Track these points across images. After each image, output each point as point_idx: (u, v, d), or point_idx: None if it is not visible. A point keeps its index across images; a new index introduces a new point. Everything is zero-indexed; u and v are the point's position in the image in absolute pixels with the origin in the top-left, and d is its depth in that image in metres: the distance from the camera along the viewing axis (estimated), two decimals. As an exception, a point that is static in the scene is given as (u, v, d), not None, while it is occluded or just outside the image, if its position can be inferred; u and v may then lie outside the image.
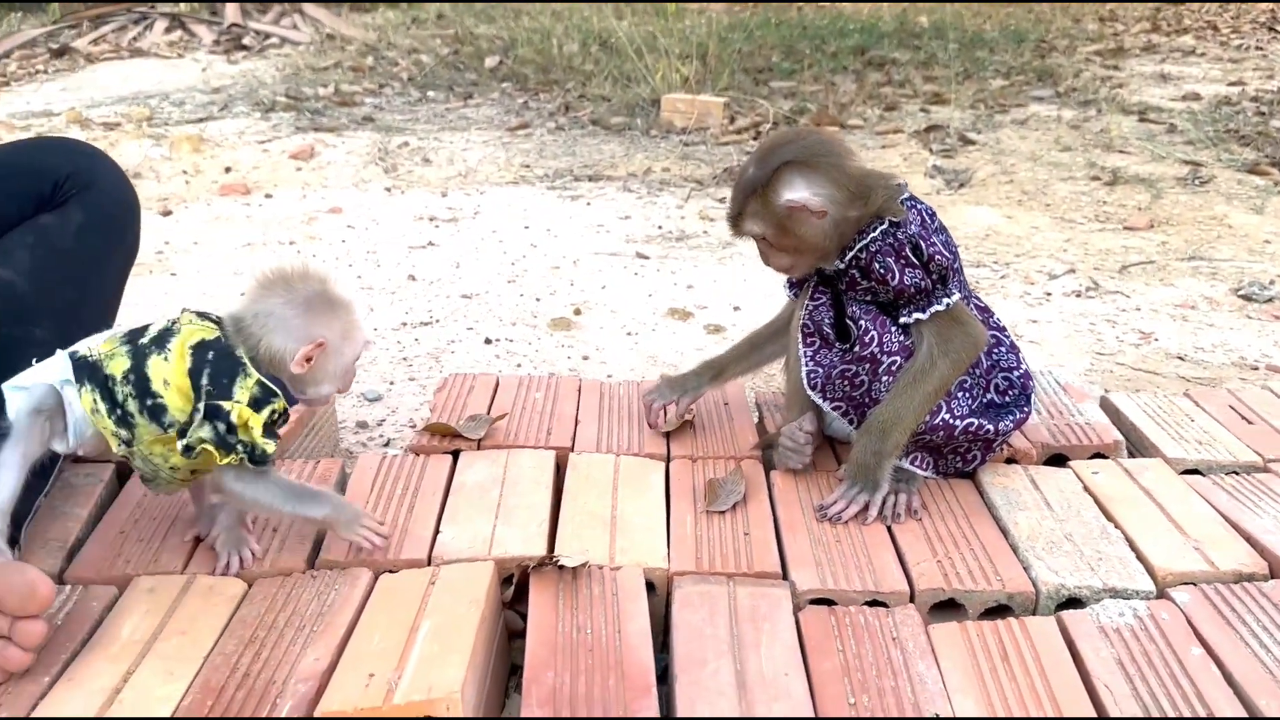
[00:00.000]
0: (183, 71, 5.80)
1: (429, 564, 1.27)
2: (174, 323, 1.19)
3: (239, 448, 1.14)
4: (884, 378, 1.39)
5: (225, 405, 1.13)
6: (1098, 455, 1.56)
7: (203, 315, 1.21)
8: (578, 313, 2.54)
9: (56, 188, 1.44)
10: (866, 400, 1.42)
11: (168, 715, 1.02)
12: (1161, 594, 1.23)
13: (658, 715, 1.02)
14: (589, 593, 1.20)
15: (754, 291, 2.66)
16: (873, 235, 1.36)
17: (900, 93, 5.16)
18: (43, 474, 1.31)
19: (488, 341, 2.37)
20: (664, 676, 1.14)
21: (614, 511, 1.38)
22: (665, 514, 1.38)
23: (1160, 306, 2.53)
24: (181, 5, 7.03)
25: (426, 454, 1.53)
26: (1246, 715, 1.03)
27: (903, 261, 1.36)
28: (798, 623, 1.16)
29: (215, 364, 1.14)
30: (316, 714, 1.00)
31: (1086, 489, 1.44)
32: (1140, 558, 1.29)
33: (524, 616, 1.24)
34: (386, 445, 1.87)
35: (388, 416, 1.99)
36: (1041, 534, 1.33)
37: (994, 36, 6.49)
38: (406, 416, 1.99)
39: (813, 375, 1.44)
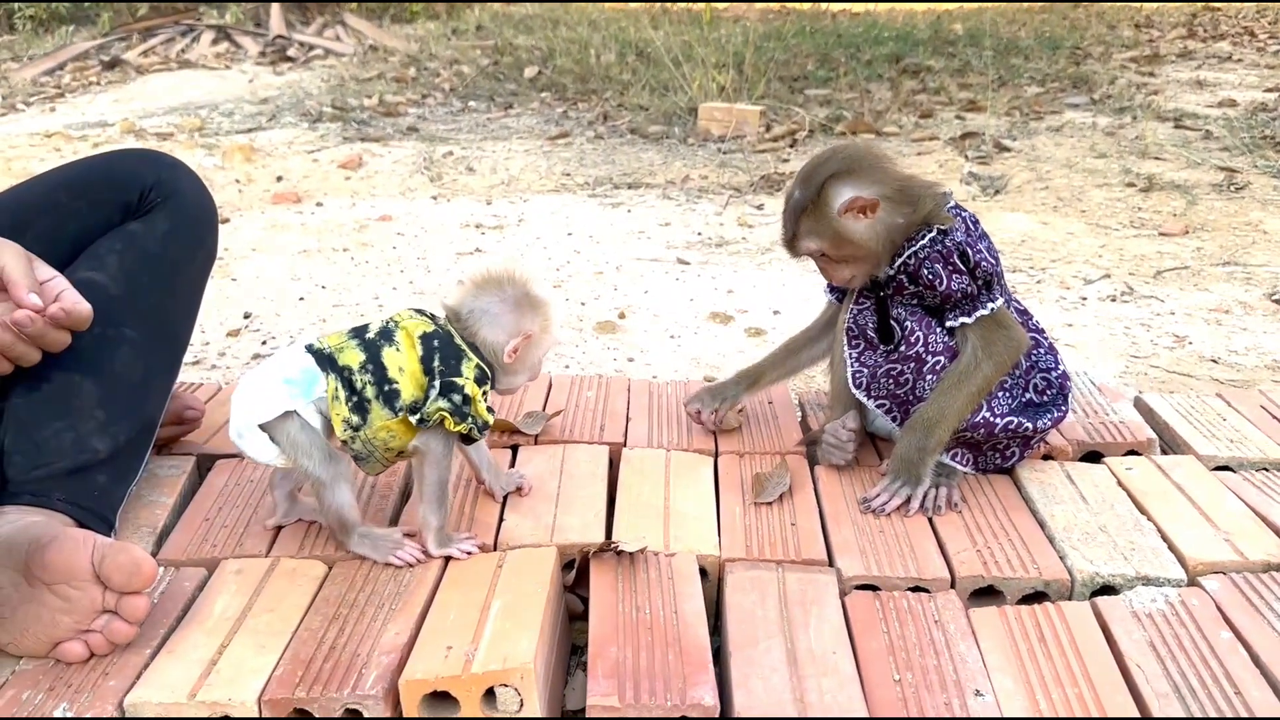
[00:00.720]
0: (230, 82, 5.96)
1: (495, 549, 1.35)
2: (392, 320, 1.34)
3: (470, 419, 1.29)
4: (928, 376, 1.45)
5: (459, 381, 1.28)
6: (1131, 452, 1.62)
7: (419, 312, 1.36)
8: (622, 316, 2.62)
9: (142, 197, 1.53)
10: (911, 398, 1.48)
11: (261, 684, 1.10)
12: (1192, 582, 1.29)
13: (714, 689, 1.09)
14: (646, 576, 1.27)
15: (793, 296, 2.73)
16: (921, 243, 1.43)
17: (935, 100, 5.21)
18: (135, 462, 1.41)
19: (536, 344, 2.46)
20: (717, 657, 1.21)
21: (667, 502, 1.46)
22: (715, 505, 1.46)
23: (1194, 311, 2.57)
24: (227, 17, 7.20)
25: (489, 449, 1.61)
26: (1273, 693, 1.09)
27: (950, 268, 1.42)
28: (844, 606, 1.23)
29: (443, 349, 1.30)
30: (401, 681, 1.08)
31: (1120, 484, 1.50)
32: (1172, 548, 1.35)
33: (584, 599, 1.32)
34: (444, 442, 1.96)
35: (444, 415, 2.08)
36: (1077, 525, 1.39)
37: (1029, 44, 6.52)
38: (461, 415, 2.08)
39: (858, 375, 1.51)
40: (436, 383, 1.28)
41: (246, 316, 2.58)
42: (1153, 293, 2.70)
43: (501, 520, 1.41)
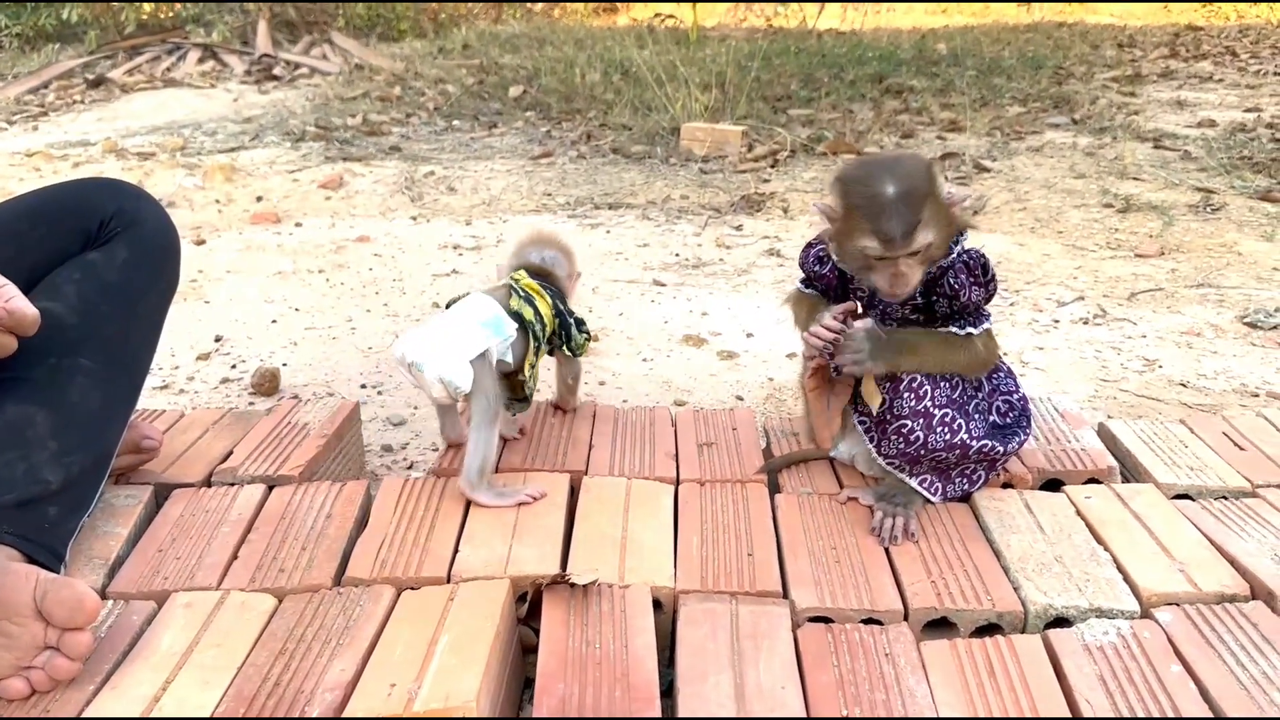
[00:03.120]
0: (215, 101, 5.97)
1: (448, 581, 1.35)
2: (515, 279, 1.67)
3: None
4: (905, 395, 1.46)
5: (578, 315, 1.76)
6: (1092, 480, 1.62)
7: (527, 269, 1.74)
8: (595, 339, 2.62)
9: (103, 225, 1.53)
10: (888, 418, 1.48)
11: (205, 717, 1.10)
12: (1145, 614, 1.29)
13: (660, 724, 1.08)
14: (598, 609, 1.27)
15: (766, 318, 2.73)
16: (953, 254, 1.45)
17: (917, 120, 5.23)
18: (88, 494, 1.40)
19: (508, 367, 2.45)
20: (670, 690, 1.21)
21: (625, 532, 1.45)
22: (674, 535, 1.45)
23: (1166, 334, 2.58)
24: (214, 36, 7.22)
25: (448, 476, 1.61)
26: (1220, 729, 1.09)
27: (973, 279, 1.45)
28: (796, 639, 1.23)
29: (558, 297, 1.73)
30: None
31: (1079, 513, 1.50)
32: (1127, 579, 1.34)
33: (538, 632, 1.32)
34: (410, 469, 1.96)
35: (411, 440, 2.07)
36: (1032, 556, 1.39)
37: (1012, 63, 6.56)
38: (430, 440, 2.07)
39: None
40: (571, 320, 1.73)
41: (218, 339, 2.57)
42: (1126, 315, 2.71)
43: (456, 552, 1.40)
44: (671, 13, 8.37)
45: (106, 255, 1.51)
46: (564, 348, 1.73)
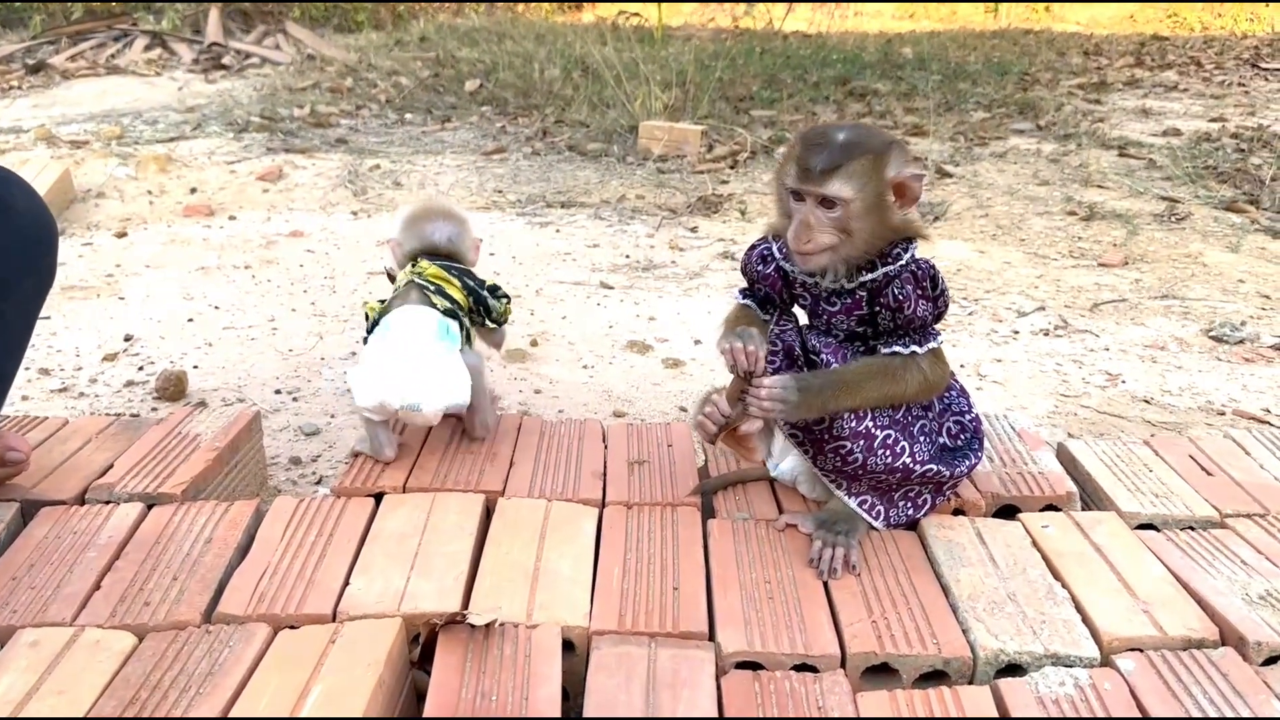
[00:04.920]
0: (158, 90, 5.75)
1: (334, 619, 1.20)
2: (418, 273, 1.65)
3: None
4: (844, 414, 1.33)
5: (489, 283, 1.74)
6: (1050, 507, 1.50)
7: (415, 260, 1.70)
8: (534, 344, 2.48)
9: (-37, 213, 1.37)
10: (825, 437, 1.35)
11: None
12: (1106, 661, 1.17)
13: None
14: (499, 654, 1.13)
15: (717, 324, 2.60)
16: (901, 261, 1.33)
17: (881, 124, 5.13)
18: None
19: (439, 373, 2.30)
20: (577, 744, 1.07)
21: (538, 562, 1.31)
22: (593, 565, 1.32)
23: (1129, 347, 2.48)
24: (164, 24, 6.99)
25: (349, 496, 1.46)
26: (1187, 800, 0.97)
27: (919, 292, 1.33)
28: (719, 688, 1.10)
29: (465, 275, 1.70)
30: (184, 790, 0.93)
31: (1035, 544, 1.38)
32: (1086, 620, 1.23)
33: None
34: (318, 483, 1.80)
35: (324, 452, 1.92)
36: (984, 593, 1.27)
37: (977, 69, 6.49)
38: (345, 452, 1.92)
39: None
40: (484, 291, 1.70)
41: (128, 339, 2.40)
42: (1088, 327, 2.60)
43: (346, 584, 1.26)
44: (637, 11, 8.23)
45: (-35, 246, 1.35)
46: (486, 320, 1.73)
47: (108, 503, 1.42)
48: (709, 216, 3.65)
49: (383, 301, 1.66)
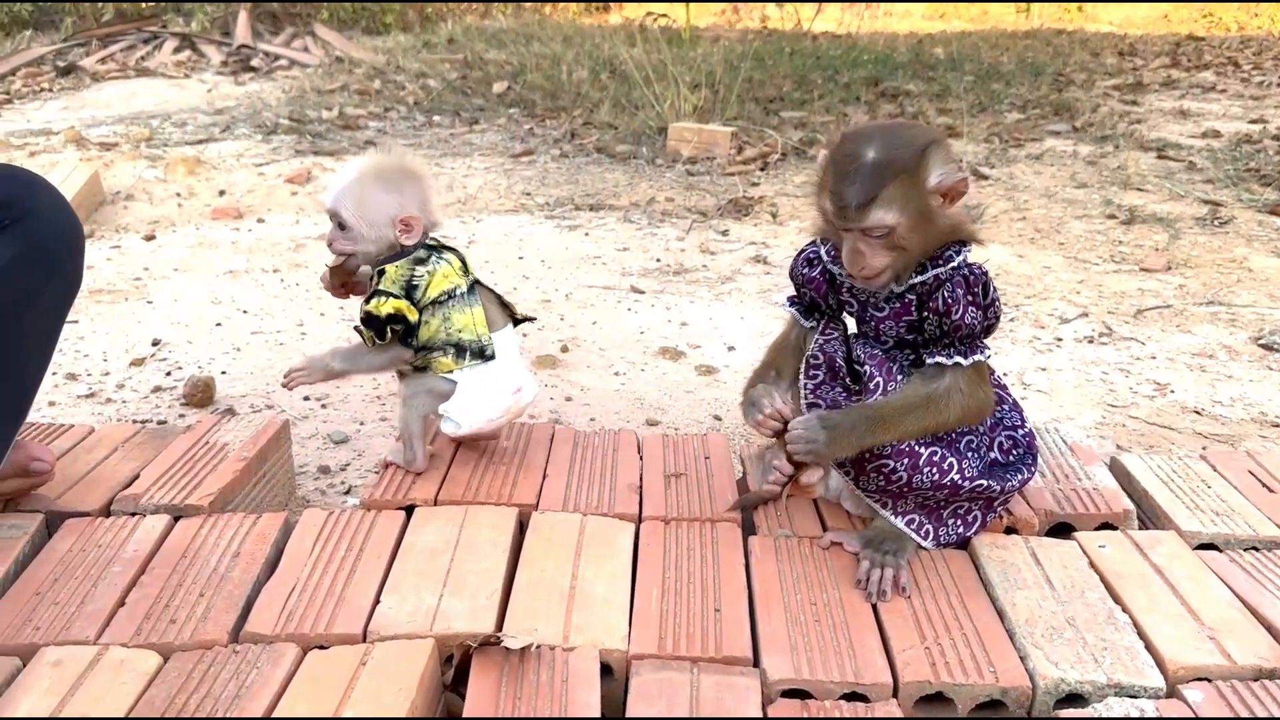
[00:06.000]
0: (188, 92, 5.76)
1: (364, 639, 1.16)
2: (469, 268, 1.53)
3: None
4: None
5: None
6: (1105, 525, 1.44)
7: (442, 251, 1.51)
8: (565, 350, 2.44)
9: (-9, 217, 1.34)
10: (867, 456, 1.29)
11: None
12: (1172, 692, 1.11)
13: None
14: (535, 678, 1.08)
15: (750, 330, 2.55)
16: (953, 263, 1.27)
17: (913, 125, 5.06)
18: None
19: (468, 380, 2.27)
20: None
21: (574, 581, 1.27)
22: (630, 585, 1.27)
23: (1176, 355, 2.40)
24: (193, 26, 7.01)
25: (379, 509, 1.42)
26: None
27: (970, 298, 1.27)
28: (765, 719, 1.04)
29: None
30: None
31: (1092, 565, 1.32)
32: (1149, 648, 1.16)
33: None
34: (347, 493, 1.77)
35: (353, 460, 1.88)
36: (1041, 618, 1.21)
37: (1010, 69, 6.39)
38: (374, 460, 1.88)
39: (814, 408, 1.33)
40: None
41: (155, 343, 2.38)
42: (1133, 334, 2.53)
43: (377, 601, 1.22)
44: (665, 12, 8.19)
45: (-9, 251, 1.32)
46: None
47: (133, 514, 1.39)
48: (740, 219, 3.59)
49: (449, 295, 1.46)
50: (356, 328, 1.48)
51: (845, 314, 1.40)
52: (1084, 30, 9.34)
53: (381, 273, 1.45)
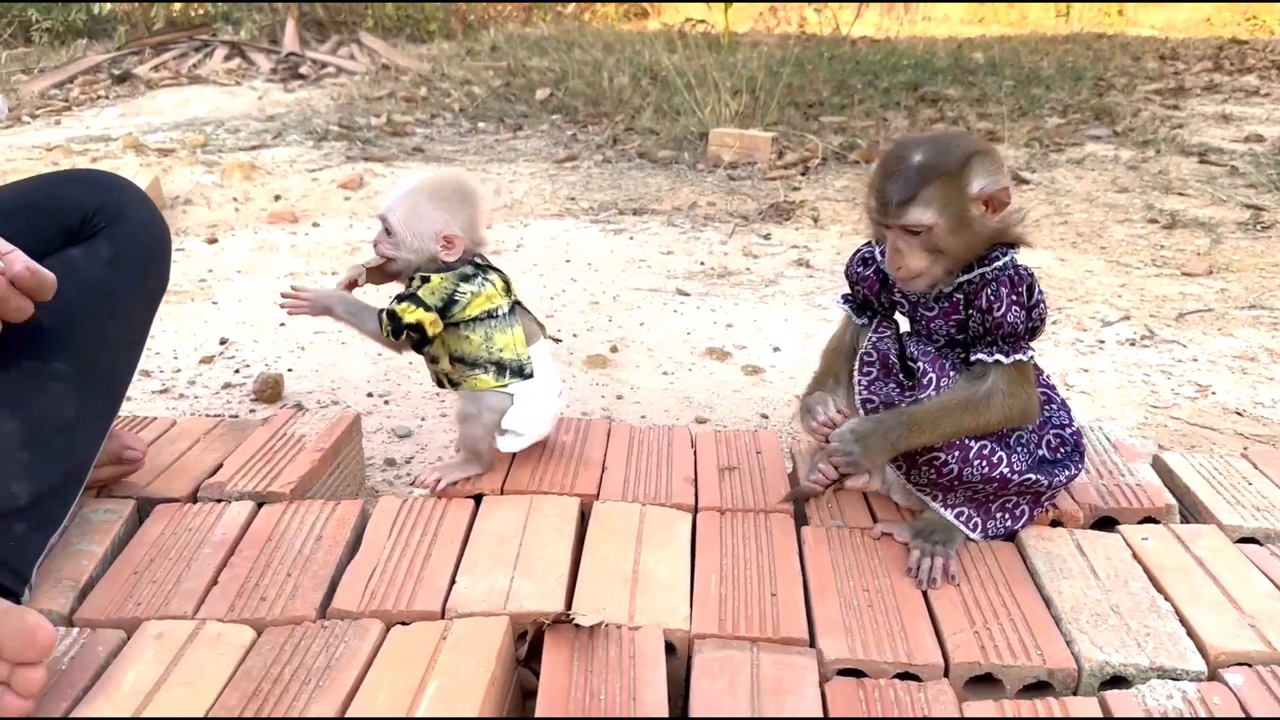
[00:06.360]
0: (239, 99, 5.90)
1: (442, 616, 1.23)
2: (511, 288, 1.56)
3: None
4: None
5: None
6: (1148, 519, 1.48)
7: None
8: (614, 350, 2.51)
9: (85, 221, 1.43)
10: (918, 450, 1.35)
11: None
12: (1213, 675, 1.16)
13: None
14: (605, 654, 1.15)
15: (795, 332, 2.61)
16: (999, 263, 1.32)
17: (953, 129, 5.09)
18: (59, 510, 1.30)
19: (522, 378, 2.34)
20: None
21: (636, 566, 1.33)
22: (690, 570, 1.33)
23: (1218, 358, 2.43)
24: (242, 34, 7.17)
25: (449, 498, 1.50)
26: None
27: (1014, 297, 1.31)
28: (823, 695, 1.11)
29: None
30: (313, 778, 0.96)
31: (1135, 556, 1.36)
32: (1191, 634, 1.21)
33: (538, 674, 1.20)
34: (412, 484, 1.85)
35: (416, 454, 1.96)
36: (1086, 605, 1.26)
37: (1051, 74, 6.39)
38: (436, 454, 1.96)
39: (868, 405, 1.39)
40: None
41: (223, 342, 2.48)
42: (1174, 337, 2.56)
43: (453, 582, 1.29)
44: (703, 17, 8.26)
45: (89, 252, 1.41)
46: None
47: (219, 501, 1.47)
48: (781, 223, 3.65)
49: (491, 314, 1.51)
50: (382, 311, 1.50)
51: (898, 313, 1.45)
52: (1125, 34, 9.29)
53: (425, 279, 1.49)
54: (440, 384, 1.59)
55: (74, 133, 5.03)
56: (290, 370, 2.32)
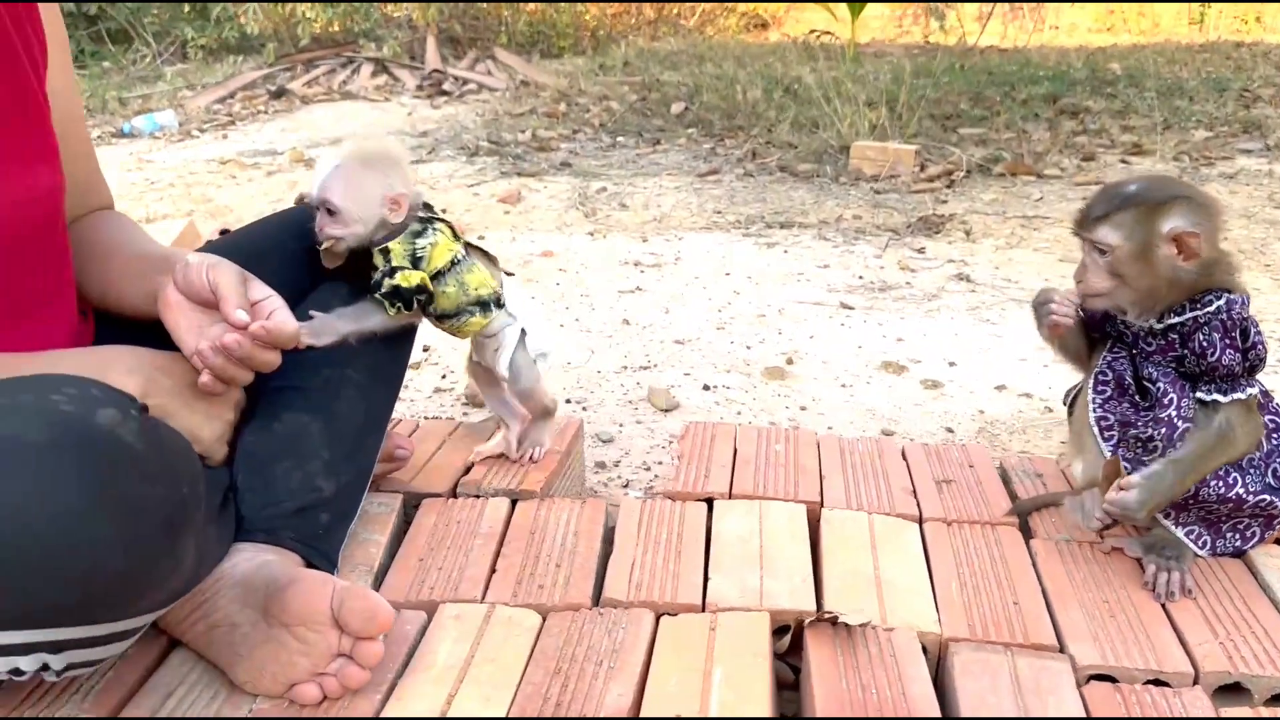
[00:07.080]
0: (390, 114, 6.17)
1: (704, 610, 1.33)
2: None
3: None
4: (1178, 443, 1.38)
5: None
6: (1375, 542, 1.51)
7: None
8: (790, 362, 2.59)
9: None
10: None
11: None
12: None
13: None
14: (866, 652, 1.24)
15: (968, 346, 2.66)
16: (1209, 309, 1.37)
17: (1097, 142, 5.04)
18: (353, 502, 1.44)
19: (706, 388, 2.45)
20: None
21: (876, 571, 1.42)
22: (928, 577, 1.41)
23: None
24: (384, 51, 7.48)
25: (682, 500, 1.60)
26: None
27: (1227, 341, 1.37)
28: (1083, 698, 1.17)
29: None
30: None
31: (1369, 577, 1.39)
32: None
33: (793, 669, 1.30)
34: (625, 486, 1.96)
35: (622, 458, 2.08)
36: (1327, 622, 1.30)
37: (1194, 85, 6.25)
38: (639, 459, 2.08)
39: (1103, 421, 1.45)
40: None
41: (425, 349, 2.64)
42: (1360, 359, 2.53)
43: (707, 578, 1.39)
44: (827, 28, 8.28)
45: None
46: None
47: (477, 497, 1.61)
48: (932, 237, 3.69)
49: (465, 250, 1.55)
50: (377, 298, 1.47)
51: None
52: (1263, 42, 8.98)
53: (385, 251, 1.48)
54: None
55: (241, 146, 5.33)
56: (491, 377, 2.47)
